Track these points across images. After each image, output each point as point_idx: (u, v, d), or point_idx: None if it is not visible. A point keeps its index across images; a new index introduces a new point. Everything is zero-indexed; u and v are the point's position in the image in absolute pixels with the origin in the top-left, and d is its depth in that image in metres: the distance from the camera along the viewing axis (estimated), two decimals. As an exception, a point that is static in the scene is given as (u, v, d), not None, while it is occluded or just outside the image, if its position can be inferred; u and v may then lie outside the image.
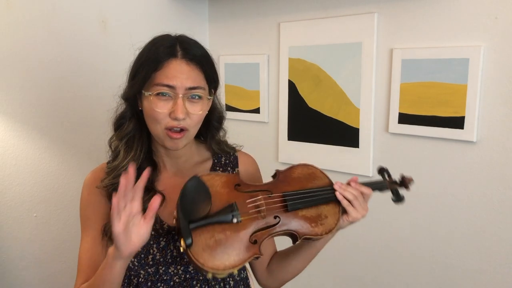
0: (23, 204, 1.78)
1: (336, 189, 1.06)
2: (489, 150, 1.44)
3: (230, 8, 2.13)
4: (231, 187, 1.01)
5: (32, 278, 1.83)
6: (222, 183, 1.01)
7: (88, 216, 1.10)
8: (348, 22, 1.70)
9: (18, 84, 1.71)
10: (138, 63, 1.04)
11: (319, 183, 1.09)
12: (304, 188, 1.06)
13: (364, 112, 1.70)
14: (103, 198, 1.08)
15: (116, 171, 1.06)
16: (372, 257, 1.76)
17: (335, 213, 1.06)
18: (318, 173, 1.11)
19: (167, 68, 1.00)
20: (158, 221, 1.08)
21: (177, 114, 0.99)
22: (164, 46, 1.02)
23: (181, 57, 1.01)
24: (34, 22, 1.71)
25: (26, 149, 1.75)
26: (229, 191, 1.01)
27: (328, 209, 1.06)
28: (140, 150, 1.08)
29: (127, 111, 1.09)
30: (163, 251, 1.07)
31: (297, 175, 1.09)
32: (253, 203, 1.00)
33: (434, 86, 1.51)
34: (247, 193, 1.02)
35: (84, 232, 1.11)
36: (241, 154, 1.23)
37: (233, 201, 0.98)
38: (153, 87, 1.00)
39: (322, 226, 1.04)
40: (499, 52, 1.39)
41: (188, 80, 1.01)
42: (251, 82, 2.07)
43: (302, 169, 1.10)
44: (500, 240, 1.45)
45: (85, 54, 1.83)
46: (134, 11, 1.96)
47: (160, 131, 1.02)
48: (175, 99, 1.00)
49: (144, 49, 1.06)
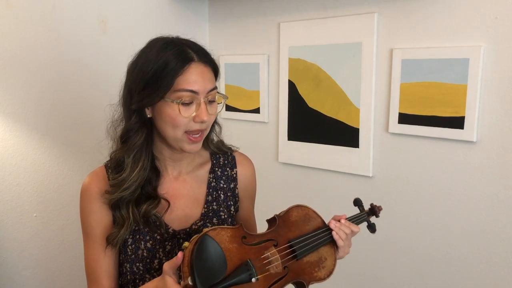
0: (23, 204, 1.78)
1: (333, 229, 1.08)
2: (489, 150, 1.44)
3: (230, 8, 2.13)
4: (238, 241, 0.97)
5: (32, 278, 1.83)
6: (229, 238, 0.96)
7: (91, 225, 1.07)
8: (348, 22, 1.70)
9: (18, 84, 1.71)
10: (149, 72, 0.99)
11: (314, 224, 1.10)
12: (304, 232, 1.07)
13: (364, 112, 1.70)
14: (104, 206, 1.06)
15: (124, 184, 1.03)
16: (372, 257, 1.76)
17: (332, 253, 1.09)
18: (311, 213, 1.12)
19: (188, 73, 0.99)
20: (163, 226, 1.07)
21: (203, 117, 1.00)
22: (175, 51, 1.00)
23: (197, 60, 1.01)
24: (34, 22, 1.71)
25: (26, 149, 1.75)
26: (237, 246, 0.96)
27: (326, 250, 1.08)
28: (147, 161, 1.06)
29: (136, 122, 1.05)
30: (168, 255, 1.07)
31: (294, 219, 1.09)
32: (266, 258, 0.98)
33: (434, 86, 1.51)
34: (255, 246, 0.99)
35: (88, 241, 1.09)
36: (239, 155, 1.23)
37: (246, 258, 0.95)
38: (175, 93, 0.98)
39: (324, 269, 1.06)
40: (499, 52, 1.39)
41: (208, 83, 1.01)
42: (251, 82, 2.07)
43: (298, 211, 1.10)
44: (500, 240, 1.45)
45: (85, 54, 1.83)
46: (134, 11, 1.96)
47: (180, 135, 1.01)
48: (197, 103, 1.00)
49: (149, 56, 1.01)
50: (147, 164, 1.06)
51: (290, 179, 1.99)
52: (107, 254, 1.08)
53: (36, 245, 1.82)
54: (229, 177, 1.19)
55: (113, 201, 1.04)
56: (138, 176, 1.04)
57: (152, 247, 1.06)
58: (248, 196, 1.24)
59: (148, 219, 1.05)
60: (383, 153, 1.68)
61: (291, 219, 1.08)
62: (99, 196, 1.06)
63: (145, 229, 1.06)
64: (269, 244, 1.00)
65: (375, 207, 1.21)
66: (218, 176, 1.18)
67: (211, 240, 0.92)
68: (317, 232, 1.07)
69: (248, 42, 2.08)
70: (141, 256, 1.06)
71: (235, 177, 1.20)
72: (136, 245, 1.06)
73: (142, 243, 1.06)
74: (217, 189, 1.17)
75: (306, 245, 1.04)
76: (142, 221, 1.05)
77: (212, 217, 1.14)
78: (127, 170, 1.04)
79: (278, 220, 1.06)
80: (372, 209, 1.21)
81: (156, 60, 0.99)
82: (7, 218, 1.75)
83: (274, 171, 2.04)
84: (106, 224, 1.07)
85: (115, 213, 1.05)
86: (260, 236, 1.02)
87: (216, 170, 1.18)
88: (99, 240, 1.07)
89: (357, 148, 1.74)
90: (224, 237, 0.95)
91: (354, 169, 1.75)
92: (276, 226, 1.05)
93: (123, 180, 1.04)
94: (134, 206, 1.05)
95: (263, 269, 0.96)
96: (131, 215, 1.04)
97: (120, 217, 1.05)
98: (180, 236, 1.09)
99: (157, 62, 0.99)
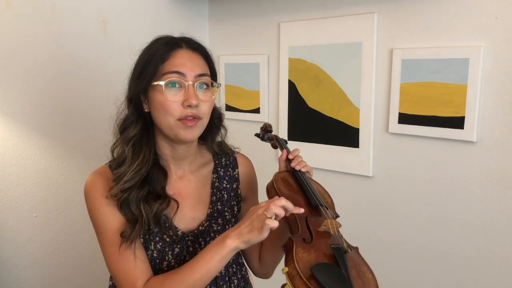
0: (23, 204, 1.78)
1: (295, 166, 1.13)
2: (489, 150, 1.44)
3: (230, 8, 2.13)
4: (308, 248, 0.91)
5: (32, 278, 1.83)
6: (307, 252, 0.90)
7: (108, 226, 1.03)
8: (348, 22, 1.71)
9: (18, 84, 1.71)
10: (142, 62, 1.04)
11: (290, 181, 1.13)
12: (295, 192, 1.10)
13: (364, 112, 1.70)
14: (114, 207, 1.03)
15: (124, 177, 1.02)
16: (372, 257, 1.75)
17: (314, 182, 1.18)
18: (276, 181, 1.11)
19: (174, 57, 1.02)
20: (173, 228, 1.06)
21: (191, 100, 0.99)
22: (166, 40, 1.04)
23: (185, 47, 1.04)
24: (34, 21, 1.71)
25: (26, 149, 1.75)
26: (314, 249, 0.91)
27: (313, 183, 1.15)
28: (148, 154, 1.05)
29: (132, 113, 1.06)
30: (177, 257, 1.07)
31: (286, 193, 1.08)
32: (327, 230, 0.97)
33: (434, 86, 1.51)
34: (312, 235, 0.96)
35: (107, 242, 1.04)
36: (240, 156, 1.25)
37: (327, 245, 0.93)
38: (162, 76, 1.00)
39: (327, 194, 1.18)
40: (499, 52, 1.39)
41: (196, 67, 1.02)
42: (251, 82, 2.07)
43: (278, 187, 1.10)
44: (500, 240, 1.45)
45: (85, 54, 1.83)
46: (134, 11, 1.96)
47: (172, 122, 1.01)
48: (186, 88, 1.00)
49: (145, 50, 1.06)
50: (149, 157, 1.05)
51: (290, 179, 1.99)
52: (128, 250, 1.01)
53: (36, 245, 1.82)
54: (231, 177, 1.20)
55: (121, 200, 1.01)
56: (141, 167, 1.03)
57: (161, 249, 1.05)
58: (253, 193, 1.25)
59: (159, 220, 1.04)
60: (383, 153, 1.68)
61: (285, 194, 1.06)
62: (105, 195, 1.03)
63: (155, 230, 1.05)
64: (313, 223, 0.98)
65: (263, 127, 1.34)
66: (221, 176, 1.18)
67: (323, 264, 0.87)
68: (302, 179, 1.10)
69: (248, 42, 2.08)
70: (151, 257, 1.05)
71: (237, 177, 1.21)
72: (146, 246, 1.05)
73: (152, 244, 1.05)
74: (221, 189, 1.17)
75: (316, 194, 1.07)
76: (154, 220, 1.02)
77: (217, 217, 1.14)
78: (127, 161, 1.04)
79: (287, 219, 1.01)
80: (264, 128, 1.34)
81: (148, 51, 1.04)
82: (7, 218, 1.75)
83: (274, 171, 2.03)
84: (121, 222, 1.03)
85: (125, 212, 1.02)
86: (301, 225, 0.98)
87: (219, 171, 1.19)
88: (117, 239, 1.02)
89: (357, 148, 1.74)
90: (304, 255, 0.89)
91: (354, 169, 1.75)
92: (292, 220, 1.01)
93: (124, 172, 1.02)
94: (145, 204, 1.02)
95: (338, 241, 0.96)
96: (143, 212, 1.01)
97: (131, 215, 1.02)
98: (188, 238, 1.08)
99: (148, 52, 1.04)
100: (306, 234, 0.96)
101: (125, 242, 1.00)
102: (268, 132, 1.33)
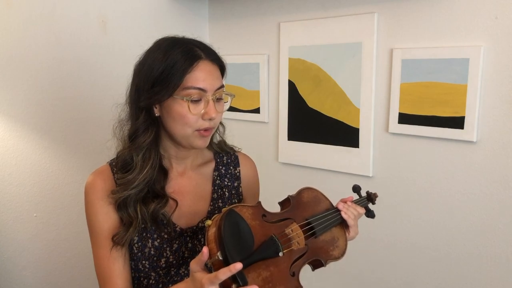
0: (23, 204, 1.78)
1: (342, 209, 1.11)
2: (489, 150, 1.44)
3: (230, 8, 2.13)
4: (259, 218, 0.97)
5: (32, 277, 1.83)
6: (251, 215, 0.96)
7: (100, 224, 1.05)
8: (348, 22, 1.70)
9: (18, 84, 1.71)
10: (156, 72, 1.00)
11: (324, 206, 1.13)
12: (317, 212, 1.09)
13: (364, 112, 1.70)
14: (110, 206, 1.04)
15: (133, 183, 1.02)
16: (372, 257, 1.76)
17: (343, 234, 1.11)
18: (320, 196, 1.14)
19: (197, 70, 1.01)
20: (171, 225, 1.07)
21: (211, 114, 1.01)
22: (184, 49, 1.01)
23: (205, 57, 1.03)
24: (34, 22, 1.71)
25: (26, 149, 1.75)
26: (259, 223, 0.96)
27: (337, 231, 1.10)
28: (156, 159, 1.06)
29: (144, 121, 1.05)
30: (175, 254, 1.08)
31: (306, 200, 1.11)
32: (289, 234, 0.98)
33: (434, 86, 1.51)
34: (276, 223, 0.99)
35: (96, 241, 1.06)
36: (241, 155, 1.25)
37: (270, 234, 0.94)
38: (184, 91, 0.99)
39: (338, 248, 1.08)
40: (499, 52, 1.39)
41: (216, 81, 1.04)
42: (251, 82, 2.07)
43: (308, 193, 1.12)
44: (500, 240, 1.45)
45: (85, 54, 1.83)
46: (134, 11, 1.96)
47: (190, 133, 1.02)
48: (206, 101, 1.01)
49: (156, 55, 1.02)
50: (156, 163, 1.06)
51: (290, 179, 1.99)
52: (117, 253, 1.04)
53: (36, 245, 1.82)
54: (233, 175, 1.20)
55: (119, 201, 1.02)
56: (147, 175, 1.03)
57: (159, 246, 1.06)
58: (252, 194, 1.25)
59: (156, 218, 1.05)
60: (383, 153, 1.68)
61: (303, 200, 1.10)
62: (105, 195, 1.04)
63: (153, 228, 1.05)
64: (288, 222, 1.01)
65: (371, 194, 1.26)
66: (223, 174, 1.19)
67: (238, 215, 0.93)
68: (328, 213, 1.10)
69: (248, 42, 2.08)
70: (148, 254, 1.06)
71: (239, 176, 1.21)
72: (143, 243, 1.06)
73: (150, 241, 1.06)
74: (222, 186, 1.18)
75: (322, 223, 1.06)
76: (150, 220, 1.04)
77: None
78: (136, 169, 1.03)
79: (292, 200, 1.08)
80: (369, 196, 1.26)
81: (164, 59, 1.00)
82: (7, 218, 1.75)
83: (274, 171, 2.04)
84: (114, 223, 1.05)
85: (122, 213, 1.03)
86: (278, 215, 1.03)
87: (220, 169, 1.19)
88: (109, 241, 1.04)
89: (357, 148, 1.74)
90: (246, 214, 0.95)
91: (354, 169, 1.75)
92: (291, 207, 1.06)
93: (133, 179, 1.02)
94: (142, 204, 1.03)
95: (287, 245, 0.97)
96: (139, 214, 1.02)
97: (127, 217, 1.03)
98: (187, 234, 1.09)
99: (165, 60, 1.00)
100: (268, 213, 1.00)
101: (116, 246, 1.03)
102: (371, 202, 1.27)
